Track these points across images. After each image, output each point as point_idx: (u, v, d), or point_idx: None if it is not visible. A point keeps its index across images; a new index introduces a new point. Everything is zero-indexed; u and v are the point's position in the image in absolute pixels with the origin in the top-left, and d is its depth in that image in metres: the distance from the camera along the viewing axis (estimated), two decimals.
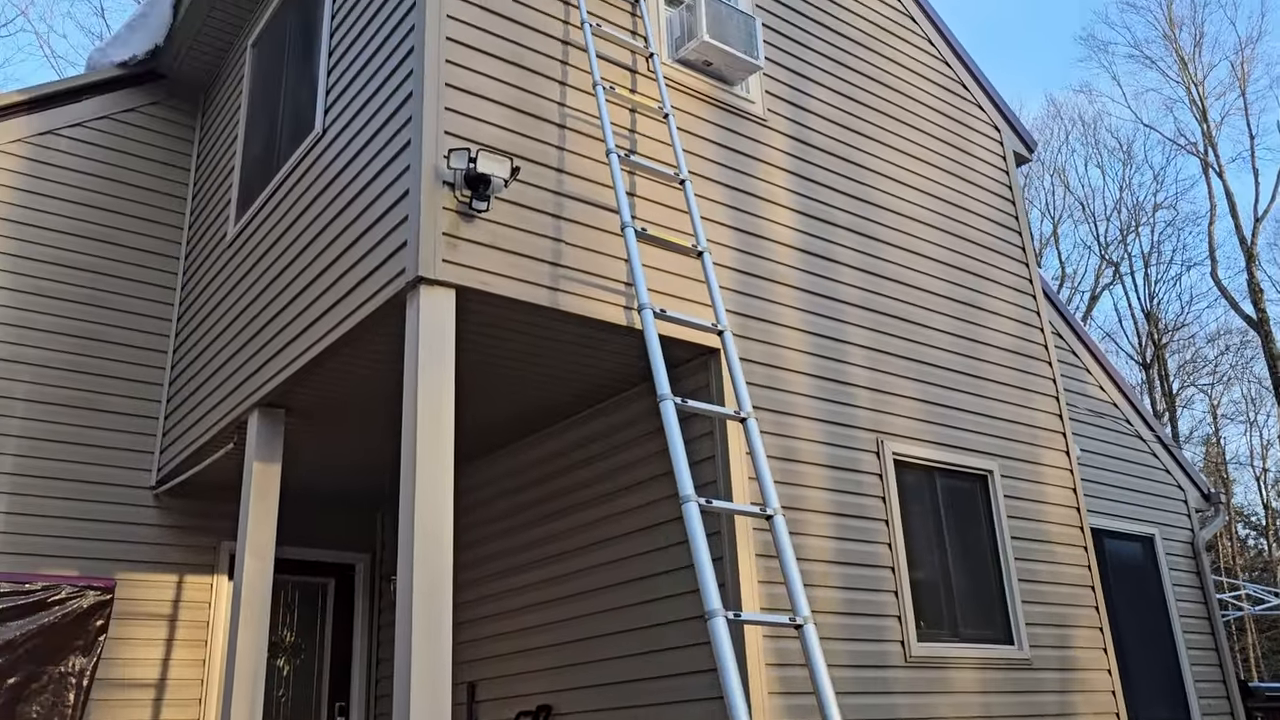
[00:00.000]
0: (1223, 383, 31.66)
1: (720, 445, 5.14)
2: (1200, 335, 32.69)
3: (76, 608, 3.46)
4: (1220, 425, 31.89)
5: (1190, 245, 34.87)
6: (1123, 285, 30.71)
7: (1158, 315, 30.61)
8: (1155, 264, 30.56)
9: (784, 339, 5.72)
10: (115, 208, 7.45)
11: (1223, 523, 9.62)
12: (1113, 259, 30.76)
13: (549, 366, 5.48)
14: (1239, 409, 34.25)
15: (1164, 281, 31.26)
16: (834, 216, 6.32)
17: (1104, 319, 45.45)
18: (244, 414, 5.92)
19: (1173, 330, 31.10)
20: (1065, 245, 32.05)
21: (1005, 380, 6.89)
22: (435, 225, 4.48)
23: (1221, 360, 31.45)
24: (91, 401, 6.94)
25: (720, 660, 3.61)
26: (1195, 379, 31.71)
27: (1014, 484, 6.56)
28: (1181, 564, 9.27)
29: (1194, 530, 9.49)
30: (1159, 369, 29.89)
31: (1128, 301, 31.43)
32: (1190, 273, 39.27)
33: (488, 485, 6.90)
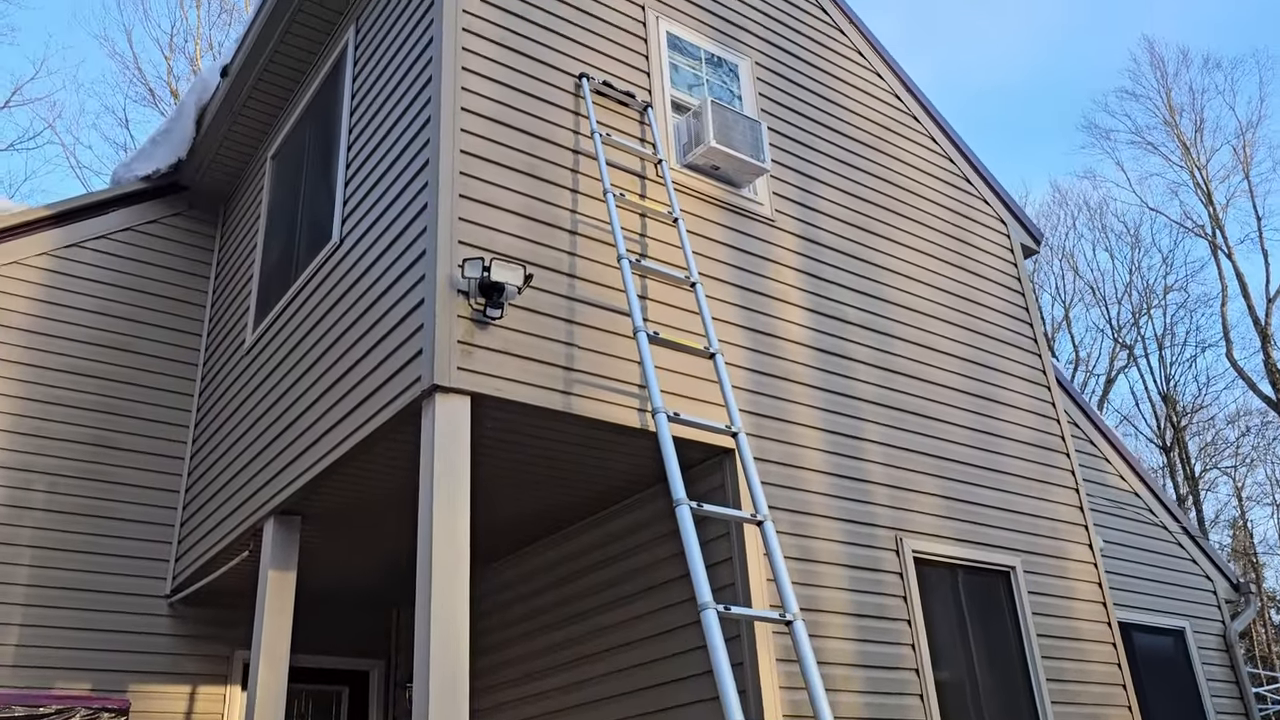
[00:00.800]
0: (1246, 465, 31.27)
1: (737, 547, 5.09)
2: (1220, 417, 32.42)
3: None
4: (1246, 508, 31.39)
5: (1204, 327, 34.86)
6: (1138, 368, 30.63)
7: (1175, 398, 30.43)
8: (1169, 346, 30.50)
9: (800, 437, 5.71)
10: (135, 316, 7.57)
11: (1254, 613, 9.41)
12: (1126, 342, 30.74)
13: (563, 469, 5.47)
14: (1264, 491, 33.75)
15: (1179, 363, 31.12)
16: (846, 314, 6.36)
17: (1121, 402, 45.19)
18: (259, 521, 5.91)
19: (1191, 413, 30.86)
20: (1078, 329, 32.04)
21: (1024, 473, 6.83)
22: (450, 333, 4.53)
23: (1243, 442, 31.12)
24: (107, 510, 6.95)
25: None
26: (1217, 461, 31.35)
27: (1038, 579, 6.45)
28: (1214, 657, 9.04)
29: (1225, 622, 9.27)
30: (1180, 452, 29.58)
31: (1144, 384, 31.28)
32: (1205, 354, 39.12)
33: (504, 589, 6.83)
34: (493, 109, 5.20)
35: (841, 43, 7.55)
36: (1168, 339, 30.62)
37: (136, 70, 25.81)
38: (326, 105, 6.63)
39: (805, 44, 7.23)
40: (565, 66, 5.65)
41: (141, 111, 32.09)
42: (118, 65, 34.65)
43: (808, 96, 6.99)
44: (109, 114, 35.65)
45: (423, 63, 5.32)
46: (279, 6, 6.71)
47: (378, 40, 6.03)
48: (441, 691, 3.97)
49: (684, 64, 6.34)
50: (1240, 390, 37.08)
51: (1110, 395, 31.15)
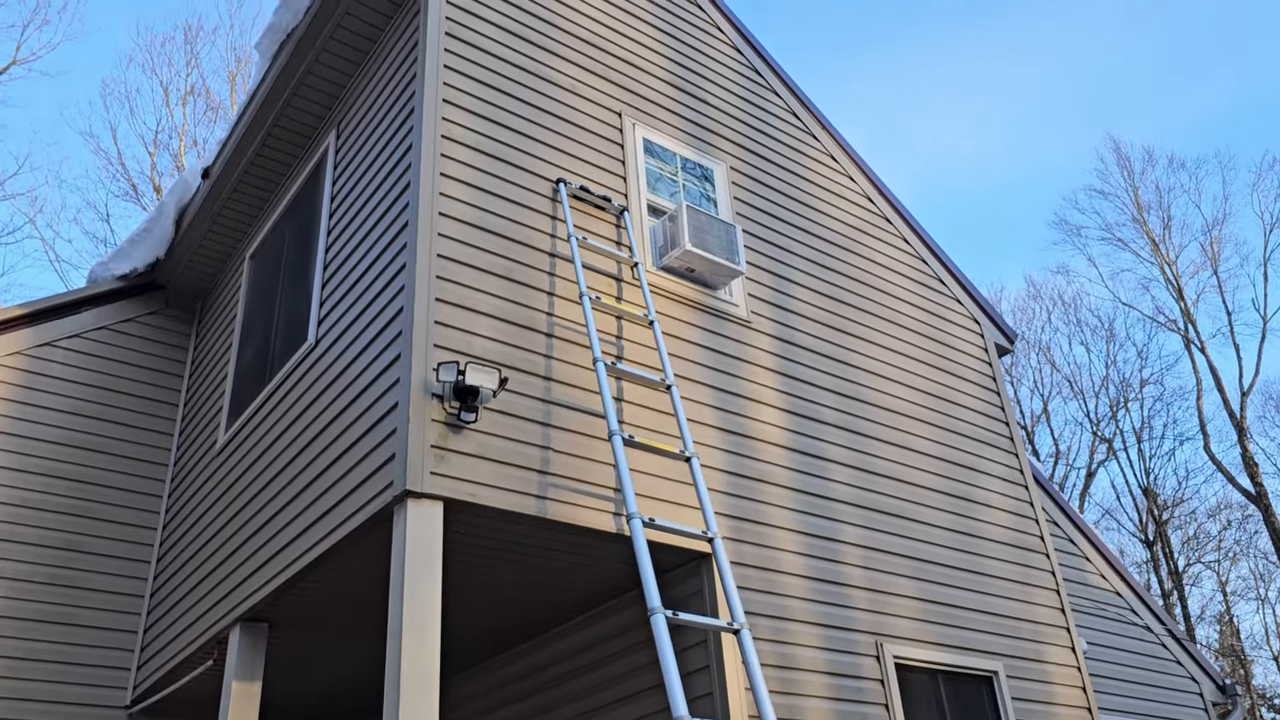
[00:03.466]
0: (1229, 558, 31.20)
1: (714, 655, 4.98)
2: (1201, 510, 32.42)
3: None
4: (1231, 603, 31.21)
5: (1181, 420, 35.14)
6: (1118, 461, 30.73)
7: (1155, 491, 30.47)
8: (1148, 439, 30.67)
9: (777, 541, 5.65)
10: (108, 416, 7.49)
11: (1243, 715, 9.26)
12: (1105, 435, 30.90)
13: (536, 575, 5.38)
14: (1248, 585, 33.62)
15: (1159, 456, 31.28)
16: (822, 414, 6.37)
17: (1102, 495, 45.19)
18: (225, 629, 5.76)
19: (1172, 506, 30.88)
20: (1057, 422, 32.24)
21: (1004, 574, 6.77)
22: (424, 438, 4.50)
23: (1225, 536, 31.10)
24: (70, 616, 6.76)
25: None
26: (1201, 555, 31.26)
27: (1021, 684, 6.34)
28: None
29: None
30: (1163, 546, 29.50)
31: (1124, 477, 31.37)
32: (1184, 447, 39.31)
33: (475, 699, 6.65)
34: (470, 213, 5.26)
35: (814, 147, 7.73)
36: (1146, 432, 30.82)
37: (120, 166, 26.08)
38: (306, 207, 6.69)
39: (779, 149, 7.38)
40: (542, 171, 5.74)
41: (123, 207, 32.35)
42: (101, 161, 35.01)
43: (782, 200, 7.12)
44: (90, 209, 35.84)
45: (402, 168, 5.39)
46: (262, 110, 6.83)
47: (358, 145, 6.12)
48: None
49: (660, 169, 6.45)
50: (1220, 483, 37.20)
51: (1091, 489, 31.16)
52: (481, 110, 5.61)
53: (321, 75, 6.57)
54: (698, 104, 6.96)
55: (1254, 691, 30.20)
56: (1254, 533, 30.50)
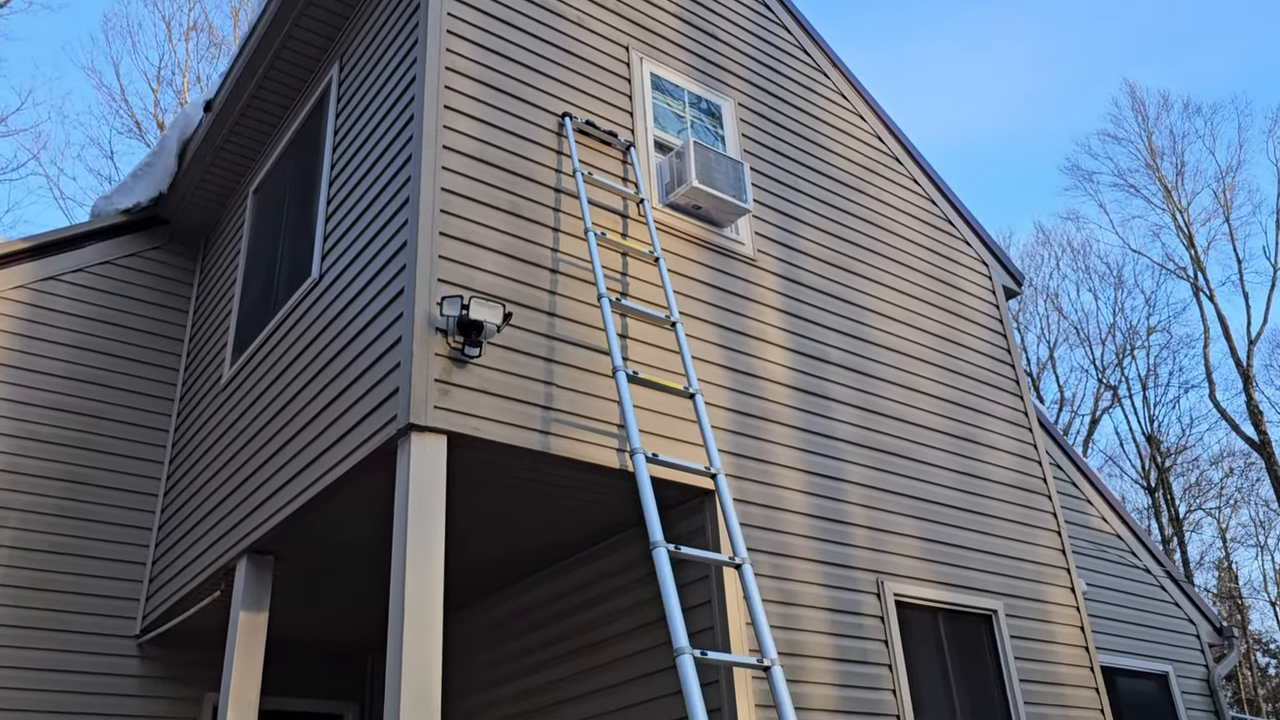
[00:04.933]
0: (1230, 505, 31.37)
1: (716, 590, 5.02)
2: (1204, 458, 32.56)
3: None
4: (1231, 549, 31.45)
5: (1187, 368, 35.07)
6: (1122, 409, 30.78)
7: (1159, 439, 30.54)
8: (1153, 387, 30.67)
9: (780, 479, 5.66)
10: (113, 351, 7.49)
11: (1239, 657, 9.36)
12: (1110, 383, 30.89)
13: (541, 511, 5.41)
14: (1248, 532, 33.85)
15: (1163, 404, 31.31)
16: (827, 354, 6.35)
17: (1105, 442, 45.31)
18: (232, 560, 5.82)
19: (1175, 454, 30.96)
20: (1063, 369, 32.20)
21: (1006, 515, 6.80)
22: (427, 372, 4.49)
23: (1227, 483, 31.23)
24: (79, 548, 6.83)
25: None
26: (1202, 503, 31.43)
27: (1020, 623, 6.40)
28: (1198, 701, 8.97)
29: (1209, 666, 9.22)
30: (1164, 493, 29.65)
31: (1128, 425, 31.41)
32: (1189, 395, 39.36)
33: (480, 633, 6.73)
34: (475, 147, 5.19)
35: (824, 84, 7.61)
36: (1151, 380, 30.81)
37: (123, 102, 25.85)
38: (309, 141, 6.62)
39: (788, 85, 7.27)
40: (548, 106, 5.66)
41: (127, 144, 32.11)
42: (104, 98, 34.72)
43: (790, 137, 7.03)
44: (94, 146, 35.62)
45: (405, 100, 5.32)
46: (264, 42, 6.72)
47: (361, 78, 6.04)
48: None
49: (667, 104, 6.36)
50: (1224, 431, 37.32)
51: (1095, 435, 31.26)
52: (486, 42, 5.51)
53: (324, 6, 6.45)
54: (706, 39, 6.84)
55: (1250, 636, 30.54)
56: (1255, 480, 30.62)
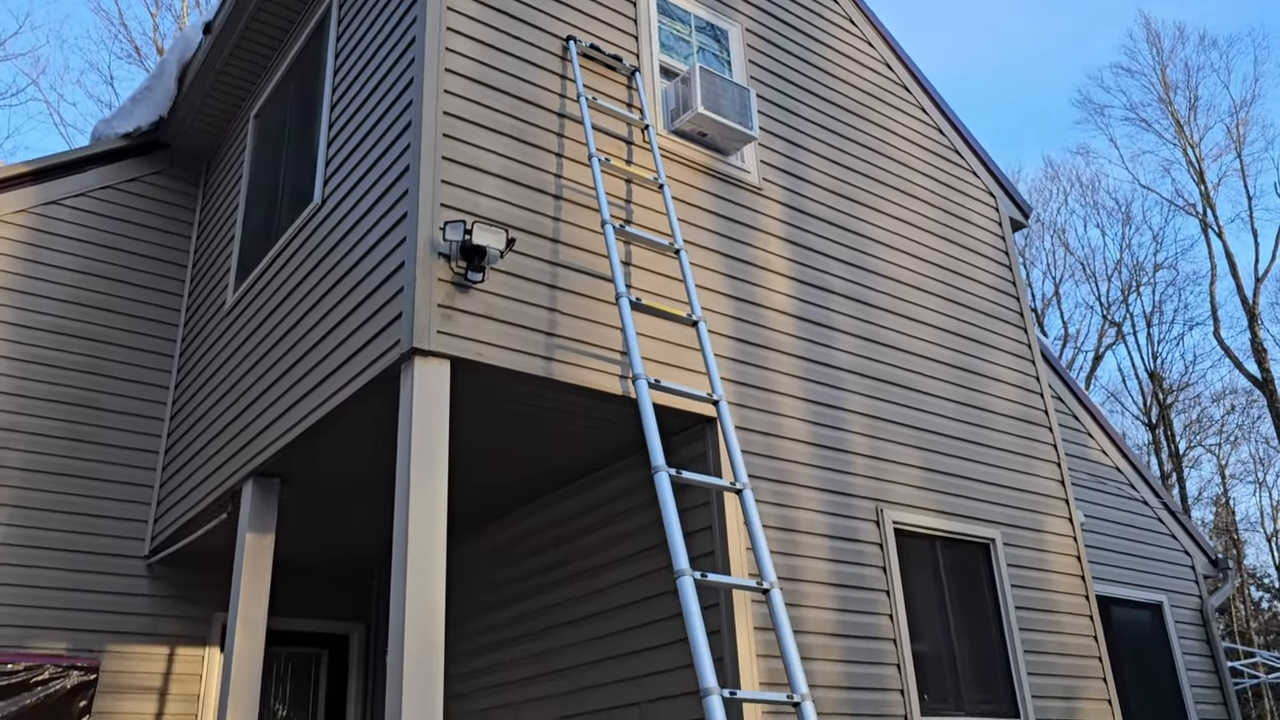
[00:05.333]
0: (1230, 443, 31.50)
1: (717, 515, 5.08)
2: (1205, 395, 32.63)
3: (60, 689, 3.38)
4: (1229, 486, 31.66)
5: (1192, 305, 34.94)
6: (1125, 345, 30.76)
7: (1161, 375, 30.57)
8: (1157, 324, 30.61)
9: (782, 407, 5.69)
10: (116, 276, 7.49)
11: (1232, 589, 9.49)
12: (1115, 319, 30.83)
13: (543, 437, 5.45)
14: (1247, 469, 34.07)
15: (1167, 341, 31.25)
16: (831, 284, 6.33)
17: (1108, 379, 45.35)
18: (238, 483, 5.88)
19: (1177, 390, 31.02)
20: (1067, 305, 32.16)
21: (1006, 446, 6.84)
22: (430, 297, 4.49)
23: (1228, 420, 31.34)
24: (87, 470, 6.91)
25: None
26: (1202, 439, 31.58)
27: (1017, 552, 6.48)
28: (1191, 631, 9.12)
29: (1203, 597, 9.35)
30: (1165, 429, 29.76)
31: (1131, 361, 31.46)
32: (1193, 332, 39.32)
33: (481, 558, 6.83)
34: (477, 70, 5.12)
35: (833, 10, 7.47)
36: (1156, 317, 30.73)
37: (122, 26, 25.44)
38: (310, 64, 6.53)
39: (796, 10, 7.14)
40: (552, 29, 5.57)
41: (126, 69, 31.68)
42: (103, 21, 34.18)
43: (797, 64, 6.92)
44: (93, 71, 35.16)
45: (407, 22, 5.23)
46: None
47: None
48: (416, 660, 3.95)
49: (673, 29, 6.25)
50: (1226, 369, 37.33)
51: (1098, 372, 31.30)
52: None
53: None
54: None
55: (1245, 571, 30.90)
56: (1257, 418, 30.71)
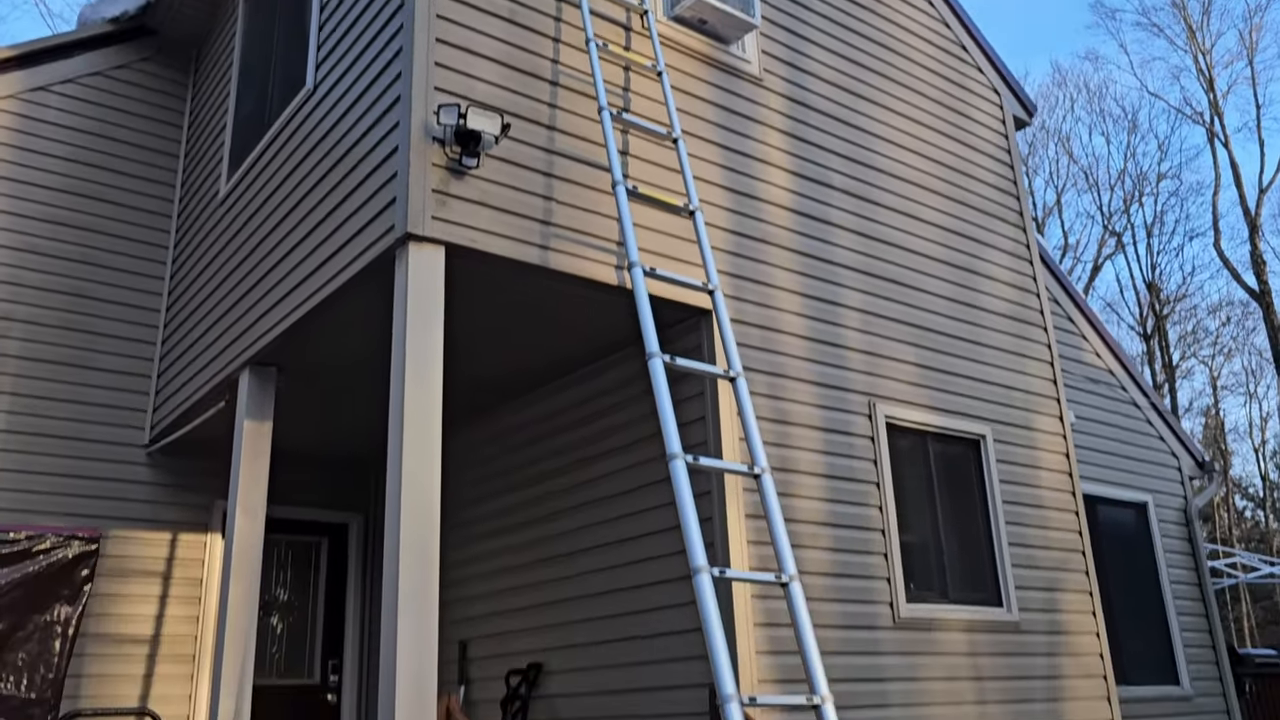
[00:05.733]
0: (1223, 354, 31.67)
1: (710, 406, 5.13)
2: (1202, 306, 32.67)
3: (62, 558, 3.46)
4: (1220, 397, 31.91)
5: (1194, 215, 34.77)
6: (1125, 256, 30.67)
7: (1159, 286, 30.55)
8: (1158, 234, 30.48)
9: (777, 301, 5.69)
10: (108, 164, 7.40)
11: (1217, 490, 9.64)
12: (1115, 229, 30.66)
13: (538, 328, 5.46)
14: (1239, 381, 34.30)
15: (1166, 252, 31.21)
16: (830, 178, 6.27)
17: (1105, 289, 45.35)
18: (235, 372, 5.91)
19: (1174, 301, 31.04)
20: (1068, 215, 31.95)
21: (1000, 345, 6.87)
22: (424, 182, 4.44)
23: (1223, 332, 31.45)
24: (84, 359, 6.93)
25: (705, 617, 3.62)
26: (1196, 351, 31.72)
27: (1007, 449, 6.56)
28: (1174, 531, 9.30)
29: (1187, 498, 9.50)
30: (1160, 340, 29.87)
31: (1129, 272, 31.42)
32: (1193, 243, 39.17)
33: (477, 447, 6.91)
34: None
35: None
36: (1157, 227, 30.57)
37: None
38: None
39: None
40: None
41: None
42: None
43: None
44: None
45: None
46: None
47: None
48: (412, 548, 4.01)
49: None
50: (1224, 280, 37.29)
51: (1095, 283, 31.27)
52: None
53: None
54: None
55: (1230, 480, 31.36)
56: (1251, 330, 30.81)
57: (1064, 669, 6.26)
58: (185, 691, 6.70)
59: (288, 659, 7.47)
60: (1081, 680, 6.34)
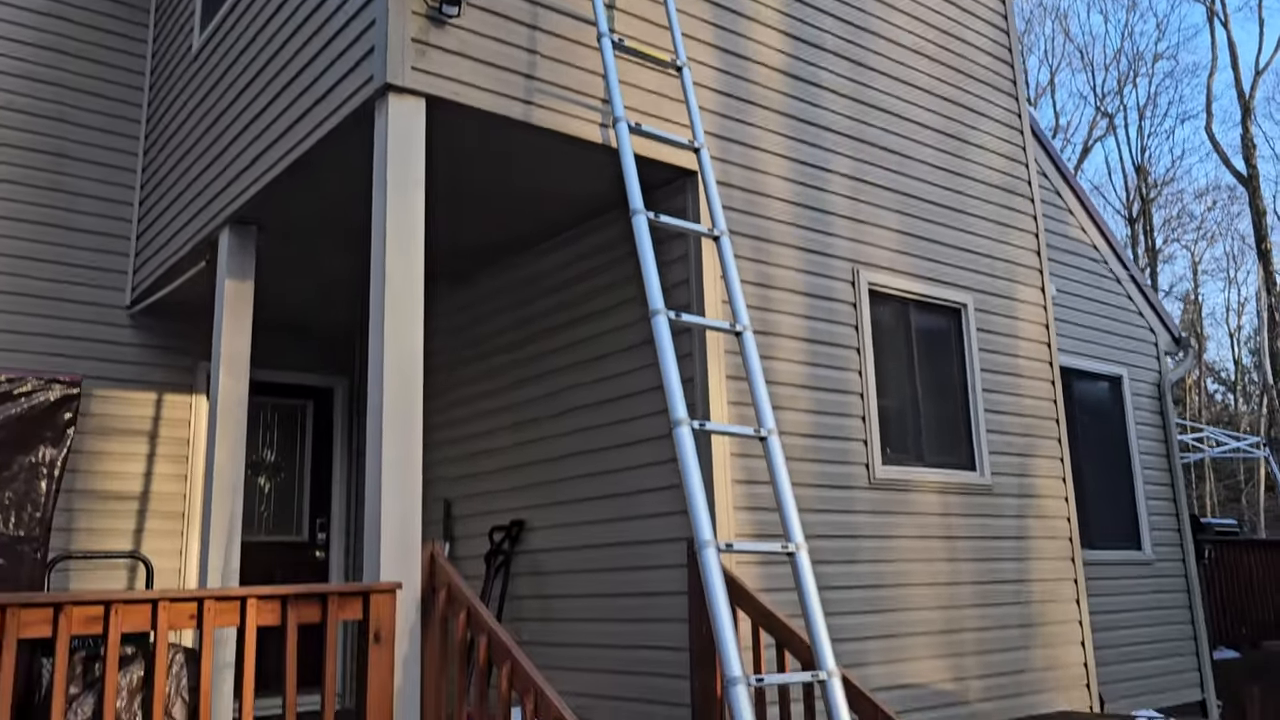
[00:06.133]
0: (1206, 239, 31.76)
1: (694, 269, 5.13)
2: (1188, 191, 32.60)
3: (43, 401, 3.49)
4: (1200, 282, 32.13)
5: (1187, 98, 34.37)
6: (1115, 138, 30.44)
7: (1147, 169, 30.38)
8: (1150, 116, 30.18)
9: (764, 164, 5.64)
10: (79, 19, 7.14)
11: (1191, 365, 9.79)
12: (1108, 110, 30.28)
13: (521, 188, 5.40)
14: (1220, 266, 34.47)
15: (1157, 135, 30.97)
16: (822, 40, 6.13)
17: (1094, 172, 45.05)
18: (215, 231, 5.85)
19: (1161, 185, 30.93)
20: (1061, 95, 31.50)
21: (987, 215, 6.86)
22: (404, 30, 4.32)
23: (1208, 217, 31.45)
24: (64, 220, 6.83)
25: (684, 468, 3.70)
26: (1180, 235, 31.79)
27: (987, 318, 6.62)
28: (1146, 404, 9.48)
29: (1162, 372, 9.66)
30: (1145, 223, 29.87)
31: (1119, 154, 31.19)
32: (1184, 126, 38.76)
33: (461, 311, 6.92)
34: None
35: None
36: (1149, 109, 30.25)
37: None
38: None
39: None
40: None
41: None
42: None
43: None
44: None
45: None
46: None
47: None
48: (395, 408, 4.03)
49: None
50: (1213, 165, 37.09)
51: (1084, 165, 31.04)
52: None
53: None
54: None
55: (1204, 364, 31.83)
56: (1236, 214, 30.83)
57: (1032, 530, 6.47)
58: (176, 546, 6.85)
59: (276, 518, 7.62)
60: (1048, 541, 6.55)
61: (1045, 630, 6.35)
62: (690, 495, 3.66)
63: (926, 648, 5.67)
